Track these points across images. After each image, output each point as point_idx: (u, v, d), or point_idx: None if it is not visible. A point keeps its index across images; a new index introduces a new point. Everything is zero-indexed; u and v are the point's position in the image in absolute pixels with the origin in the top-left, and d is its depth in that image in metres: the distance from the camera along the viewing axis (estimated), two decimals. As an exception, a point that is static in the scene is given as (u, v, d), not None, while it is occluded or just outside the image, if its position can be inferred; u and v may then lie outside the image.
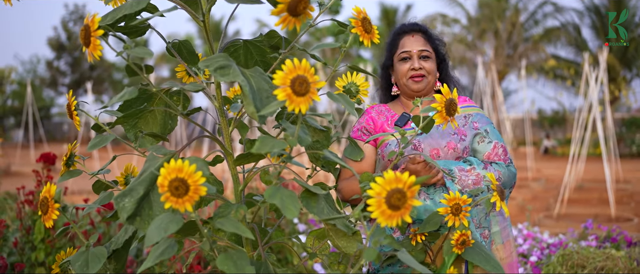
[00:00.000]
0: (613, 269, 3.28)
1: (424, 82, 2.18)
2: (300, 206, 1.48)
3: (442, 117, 1.64)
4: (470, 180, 2.00)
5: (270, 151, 1.36)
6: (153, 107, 1.64)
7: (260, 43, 1.78)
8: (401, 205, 1.23)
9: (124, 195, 1.39)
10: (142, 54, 1.38)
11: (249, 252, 1.69)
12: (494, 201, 1.74)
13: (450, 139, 2.11)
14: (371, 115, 2.21)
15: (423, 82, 2.18)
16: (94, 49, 1.33)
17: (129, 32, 1.68)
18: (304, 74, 1.27)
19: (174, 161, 1.26)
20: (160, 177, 1.25)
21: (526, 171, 13.83)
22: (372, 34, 1.51)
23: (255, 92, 1.39)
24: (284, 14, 1.30)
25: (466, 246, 1.77)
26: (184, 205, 1.26)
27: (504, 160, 2.12)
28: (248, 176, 1.70)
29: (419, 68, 2.17)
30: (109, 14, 1.52)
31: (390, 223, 1.24)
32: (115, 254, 1.61)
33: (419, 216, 1.99)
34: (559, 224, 7.36)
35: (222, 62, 1.42)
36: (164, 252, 1.37)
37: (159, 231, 1.28)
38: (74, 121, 1.58)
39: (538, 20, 24.95)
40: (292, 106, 1.28)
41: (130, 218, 1.37)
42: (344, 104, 1.50)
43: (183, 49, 1.76)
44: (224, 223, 1.38)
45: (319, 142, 1.73)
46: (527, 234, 4.45)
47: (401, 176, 1.23)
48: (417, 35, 2.23)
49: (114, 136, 1.60)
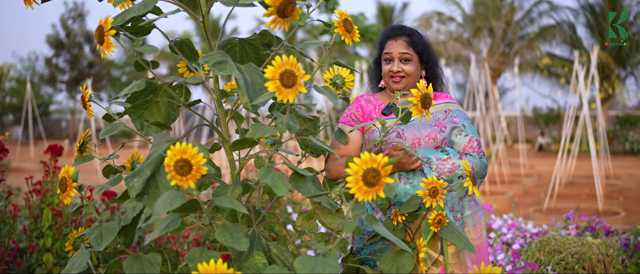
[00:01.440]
0: (586, 254, 3.48)
1: (402, 83, 2.38)
2: (289, 186, 1.68)
3: (418, 109, 1.84)
4: (446, 168, 2.21)
5: (262, 136, 1.55)
6: (158, 98, 1.83)
7: (255, 41, 1.97)
8: (376, 182, 1.42)
9: (133, 176, 1.58)
10: (150, 50, 1.57)
11: (244, 228, 1.89)
12: (467, 186, 1.95)
13: (431, 129, 2.32)
14: (360, 103, 2.42)
15: (402, 83, 2.38)
16: (107, 46, 1.51)
17: (136, 31, 1.87)
18: (291, 69, 1.46)
19: (179, 144, 1.45)
20: (167, 158, 1.44)
21: (519, 168, 14.04)
22: (353, 33, 1.70)
23: (249, 85, 1.58)
24: (273, 16, 1.49)
25: (442, 225, 1.98)
26: (188, 182, 1.45)
27: (478, 152, 2.33)
28: (243, 161, 1.89)
29: (397, 71, 2.37)
30: (119, 15, 1.71)
31: (366, 198, 1.43)
32: (124, 230, 1.80)
33: (399, 199, 2.18)
34: (548, 217, 7.56)
35: (220, 58, 1.61)
36: (168, 225, 1.56)
37: (165, 205, 1.47)
38: (87, 111, 1.76)
39: (533, 18, 25.15)
40: (281, 96, 1.47)
41: (139, 195, 1.56)
42: (327, 94, 1.69)
43: (184, 46, 1.95)
44: (222, 200, 1.57)
45: (307, 130, 1.92)
46: (512, 224, 4.65)
47: (376, 156, 1.42)
48: (400, 39, 2.42)
49: (123, 124, 1.79)
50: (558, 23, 25.05)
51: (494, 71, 23.60)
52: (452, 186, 2.03)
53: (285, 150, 1.85)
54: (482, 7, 24.01)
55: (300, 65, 1.48)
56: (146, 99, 1.80)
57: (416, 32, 2.47)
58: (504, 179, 12.05)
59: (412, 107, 1.84)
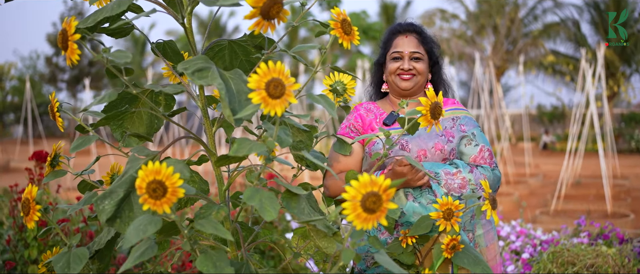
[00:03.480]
0: (603, 267, 3.29)
1: (412, 81, 2.19)
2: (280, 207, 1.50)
3: (427, 120, 1.65)
4: (456, 184, 2.01)
5: (247, 153, 1.37)
6: (135, 108, 1.65)
7: (245, 43, 1.79)
8: (376, 208, 1.24)
9: (104, 197, 1.40)
10: (121, 57, 1.39)
11: (233, 251, 1.70)
12: (484, 210, 1.75)
13: (438, 140, 2.12)
14: (359, 112, 2.23)
15: (412, 81, 2.19)
16: (71, 53, 1.33)
17: (114, 33, 1.69)
18: (278, 77, 1.28)
19: (152, 163, 1.27)
20: (138, 179, 1.26)
21: (524, 167, 13.85)
22: (351, 35, 1.52)
23: (233, 95, 1.40)
24: (257, 18, 1.31)
25: (456, 250, 1.78)
26: (162, 207, 1.27)
27: (490, 163, 2.13)
28: (232, 176, 1.71)
29: (408, 68, 2.18)
30: (90, 16, 1.53)
31: (366, 226, 1.25)
32: (98, 254, 1.63)
33: (407, 219, 2.00)
34: (555, 220, 7.38)
35: (201, 64, 1.42)
36: (143, 253, 1.38)
37: (137, 232, 1.29)
38: (56, 121, 1.59)
39: (537, 15, 24.93)
40: (267, 108, 1.29)
41: (110, 220, 1.38)
42: (324, 104, 1.51)
43: (168, 49, 1.77)
44: (203, 224, 1.39)
45: (302, 142, 1.74)
46: (520, 231, 4.46)
47: (376, 179, 1.24)
48: (410, 36, 2.24)
49: (97, 137, 1.61)
50: (562, 20, 24.82)
51: (498, 69, 23.37)
52: (469, 208, 1.83)
53: (282, 161, 1.67)
54: (486, 5, 23.78)
55: (289, 71, 1.30)
56: (121, 109, 1.62)
57: (426, 30, 2.30)
58: (509, 179, 11.85)
59: (420, 117, 1.65)
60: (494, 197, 1.75)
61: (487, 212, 1.72)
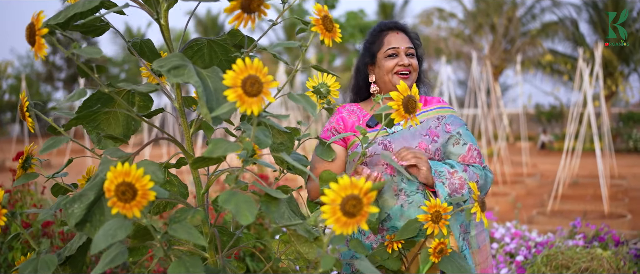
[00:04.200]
0: (597, 270, 3.24)
1: (410, 79, 2.14)
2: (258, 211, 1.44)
3: (400, 114, 1.58)
4: (456, 183, 1.96)
5: (222, 154, 1.31)
6: (109, 109, 1.59)
7: (224, 42, 1.73)
8: (357, 212, 1.18)
9: (73, 200, 1.34)
10: (91, 53, 1.33)
11: (212, 257, 1.64)
12: (474, 212, 1.68)
13: (422, 139, 2.06)
14: (342, 115, 2.16)
15: (410, 79, 2.14)
16: (39, 48, 1.27)
17: (88, 31, 1.63)
18: (255, 74, 1.22)
19: (121, 165, 1.21)
20: (107, 181, 1.21)
21: (521, 167, 13.79)
22: (333, 32, 1.46)
23: (210, 94, 1.34)
24: (237, 12, 1.25)
25: (443, 255, 1.71)
26: (132, 210, 1.21)
27: (479, 163, 2.07)
28: (210, 179, 1.65)
29: (407, 64, 2.13)
30: (62, 12, 1.47)
31: (346, 231, 1.19)
32: (70, 260, 1.56)
33: (393, 223, 1.93)
34: (552, 220, 7.32)
35: (177, 62, 1.36)
36: (113, 259, 1.32)
37: (106, 237, 1.23)
38: (26, 122, 1.53)
39: (535, 14, 24.87)
40: (244, 107, 1.23)
41: (79, 224, 1.32)
42: (304, 104, 1.45)
43: (145, 48, 1.71)
44: (176, 229, 1.33)
45: (282, 144, 1.67)
46: (515, 232, 4.40)
47: (357, 181, 1.18)
48: (401, 32, 2.19)
49: (69, 138, 1.55)
50: (560, 19, 24.78)
51: (496, 68, 23.31)
52: (457, 210, 1.76)
53: (264, 163, 1.61)
54: (484, 4, 23.72)
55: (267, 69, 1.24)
56: (92, 109, 1.55)
57: (410, 28, 2.25)
58: (506, 179, 11.80)
59: (394, 112, 1.58)
60: (483, 199, 1.69)
61: (477, 214, 1.65)
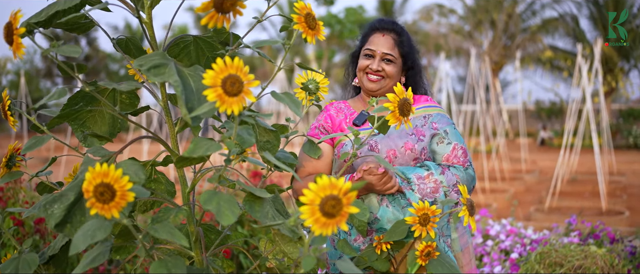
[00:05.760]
0: (590, 268, 3.23)
1: (379, 83, 2.11)
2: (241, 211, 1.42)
3: (395, 117, 1.58)
4: (429, 188, 1.94)
5: (204, 153, 1.30)
6: (93, 107, 1.58)
7: (211, 39, 1.71)
8: (336, 213, 1.17)
9: (53, 201, 1.33)
10: (71, 52, 1.32)
11: (198, 256, 1.63)
12: (461, 215, 1.67)
13: (408, 139, 2.04)
14: (330, 112, 2.14)
15: (379, 83, 2.11)
16: (17, 48, 1.26)
17: (72, 28, 1.62)
18: (236, 73, 1.21)
19: (99, 165, 1.19)
20: (85, 182, 1.20)
21: (521, 163, 13.78)
22: (317, 30, 1.44)
23: (191, 93, 1.33)
24: (210, 11, 1.24)
25: (430, 258, 1.70)
26: (110, 211, 1.20)
27: (463, 163, 2.05)
28: (195, 178, 1.63)
29: (377, 69, 2.10)
30: (44, 9, 1.46)
31: (325, 232, 1.18)
32: (53, 259, 1.55)
33: (381, 225, 1.92)
34: (550, 217, 7.31)
35: (157, 60, 1.35)
36: (94, 259, 1.31)
37: (85, 238, 1.22)
38: (8, 120, 1.52)
39: (536, 10, 24.82)
40: (224, 107, 1.21)
41: (59, 225, 1.31)
42: (289, 103, 1.43)
43: (131, 45, 1.70)
44: (158, 229, 1.32)
45: (269, 142, 1.66)
46: (510, 229, 4.39)
47: (336, 181, 1.17)
48: (388, 35, 2.14)
49: (51, 136, 1.54)
50: (561, 15, 24.72)
51: (496, 64, 23.28)
52: (445, 213, 1.75)
53: (253, 160, 1.60)
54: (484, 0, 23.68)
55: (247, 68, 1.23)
56: (75, 107, 1.54)
57: (406, 33, 2.19)
58: (504, 175, 11.79)
59: (388, 114, 1.58)
60: (472, 202, 1.68)
61: (464, 218, 1.64)
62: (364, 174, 1.83)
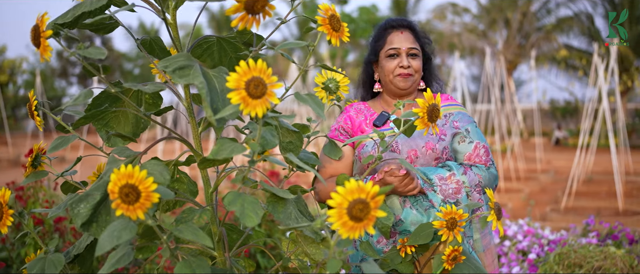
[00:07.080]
0: (610, 269, 3.20)
1: (410, 80, 2.11)
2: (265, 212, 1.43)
3: (424, 123, 1.57)
4: (451, 189, 1.93)
5: (229, 155, 1.30)
6: (117, 108, 1.59)
7: (234, 39, 1.72)
8: (363, 216, 1.17)
9: (79, 200, 1.34)
10: (96, 54, 1.33)
11: (221, 256, 1.64)
12: (489, 220, 1.66)
13: (429, 139, 2.03)
14: (349, 114, 2.14)
15: (410, 80, 2.11)
16: (43, 50, 1.27)
17: (97, 29, 1.63)
18: (259, 76, 1.21)
19: (124, 167, 1.20)
20: (111, 184, 1.20)
21: (536, 163, 13.69)
22: (341, 32, 1.44)
23: (216, 94, 1.33)
24: (241, 13, 1.24)
25: (457, 262, 1.69)
26: (135, 212, 1.21)
27: (485, 162, 2.04)
28: (218, 178, 1.64)
29: (407, 66, 2.10)
30: (70, 11, 1.47)
31: (352, 235, 1.18)
32: (79, 258, 1.57)
33: (405, 227, 1.91)
34: (566, 217, 7.26)
35: (182, 62, 1.36)
36: (120, 260, 1.32)
37: (111, 238, 1.23)
38: (35, 121, 1.53)
39: (550, 9, 24.65)
40: (248, 109, 1.22)
41: (85, 224, 1.32)
42: (312, 105, 1.43)
43: (155, 45, 1.70)
44: (182, 230, 1.32)
45: (291, 142, 1.66)
46: (528, 230, 4.36)
47: (363, 185, 1.16)
48: (405, 31, 2.15)
49: (77, 136, 1.55)
50: (576, 14, 24.52)
51: (510, 63, 23.15)
52: (472, 217, 1.74)
53: (275, 161, 1.61)
54: (498, -2, 23.57)
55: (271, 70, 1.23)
56: (100, 108, 1.55)
57: (417, 26, 2.21)
58: (519, 175, 11.72)
59: (416, 120, 1.57)
60: (500, 207, 1.66)
61: (493, 223, 1.63)
62: (386, 175, 1.83)
